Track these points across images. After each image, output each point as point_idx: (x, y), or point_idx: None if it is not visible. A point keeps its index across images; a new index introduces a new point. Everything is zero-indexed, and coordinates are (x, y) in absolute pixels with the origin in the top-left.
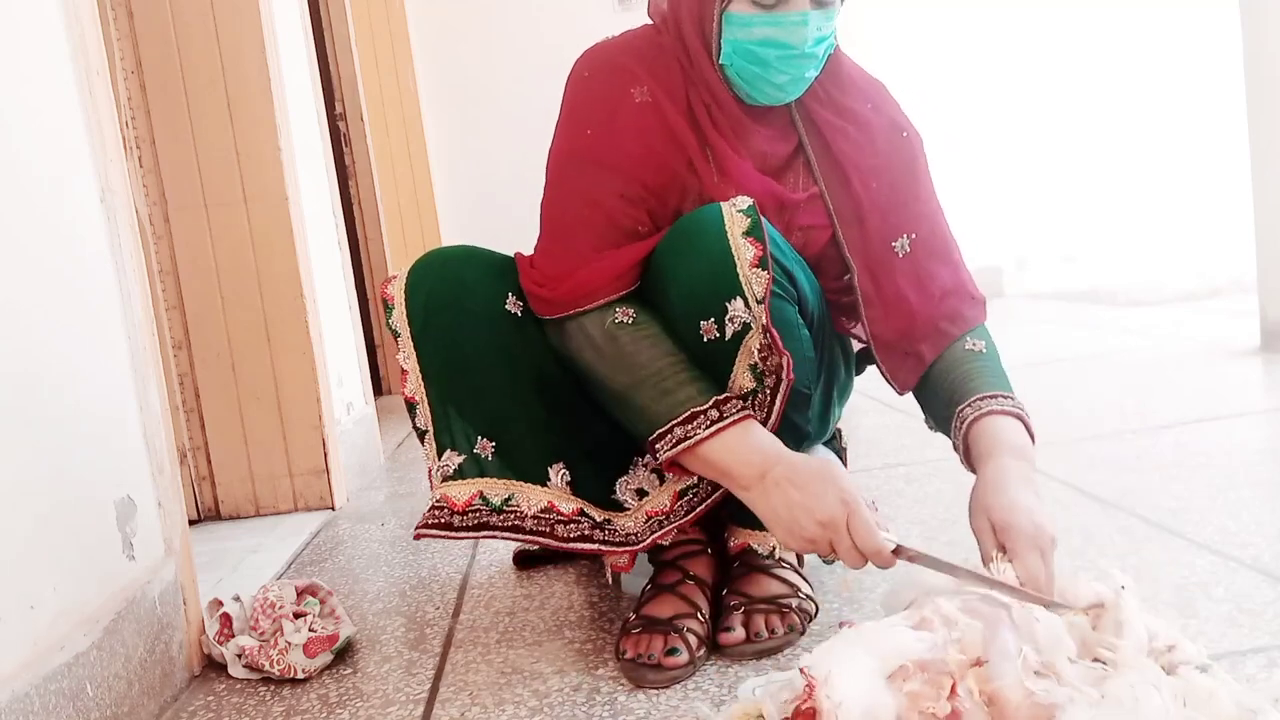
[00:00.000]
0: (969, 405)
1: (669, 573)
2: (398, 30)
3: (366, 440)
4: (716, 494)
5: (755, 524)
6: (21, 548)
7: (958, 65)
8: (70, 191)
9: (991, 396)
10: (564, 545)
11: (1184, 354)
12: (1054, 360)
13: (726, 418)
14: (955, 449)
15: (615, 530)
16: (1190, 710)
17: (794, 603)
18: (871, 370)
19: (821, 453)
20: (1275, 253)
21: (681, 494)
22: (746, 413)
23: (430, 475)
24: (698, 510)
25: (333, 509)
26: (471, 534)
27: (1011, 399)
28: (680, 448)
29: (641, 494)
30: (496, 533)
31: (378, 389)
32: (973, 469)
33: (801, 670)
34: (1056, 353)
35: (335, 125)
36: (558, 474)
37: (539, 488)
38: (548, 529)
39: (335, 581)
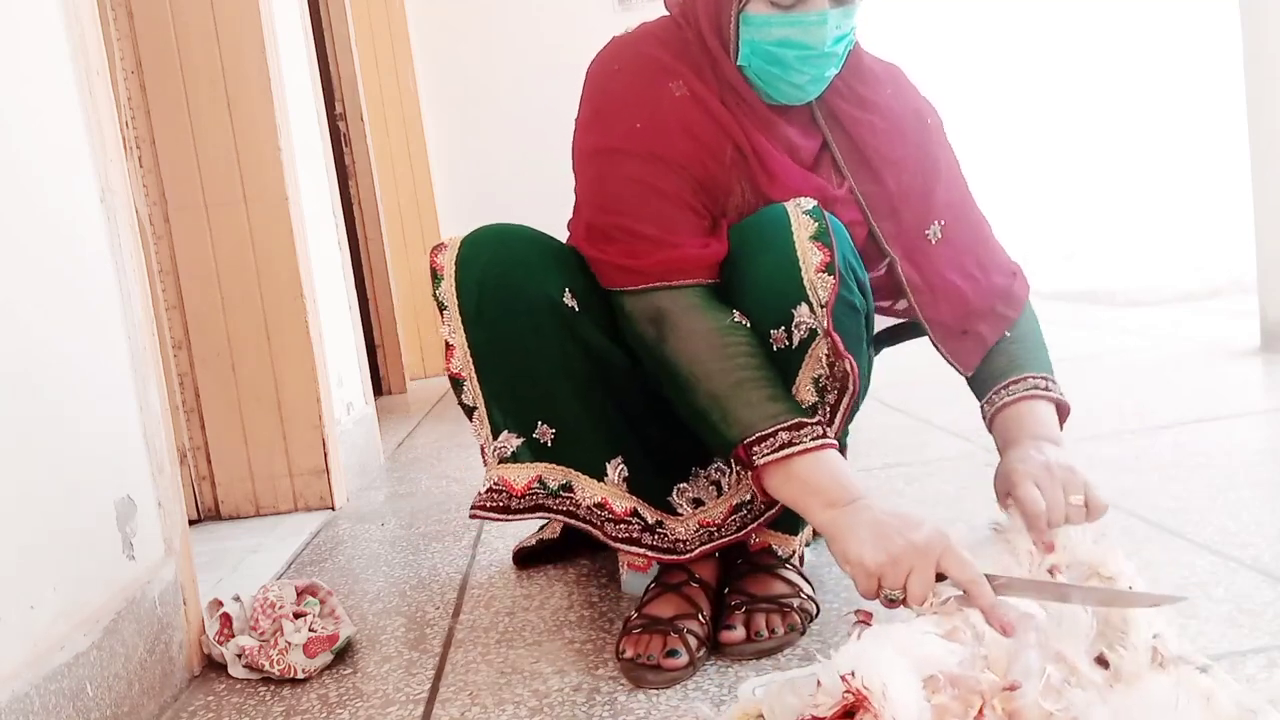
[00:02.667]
0: (986, 401)
1: (673, 573)
2: (398, 30)
3: (366, 440)
4: (769, 513)
5: (777, 527)
6: (21, 547)
7: (957, 65)
8: (70, 191)
9: (1004, 386)
10: (612, 544)
11: (1184, 354)
12: (1054, 360)
13: (827, 437)
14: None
15: (665, 535)
16: (1190, 711)
17: (795, 602)
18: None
19: None
20: (1275, 253)
21: (736, 508)
22: (834, 442)
23: (484, 453)
24: (749, 527)
25: (333, 509)
26: (527, 515)
27: (1027, 379)
28: (783, 453)
29: (698, 503)
30: (551, 515)
31: (378, 389)
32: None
33: (844, 677)
34: (1056, 353)
35: (335, 125)
36: (615, 469)
37: (596, 482)
38: (598, 524)
39: (335, 581)
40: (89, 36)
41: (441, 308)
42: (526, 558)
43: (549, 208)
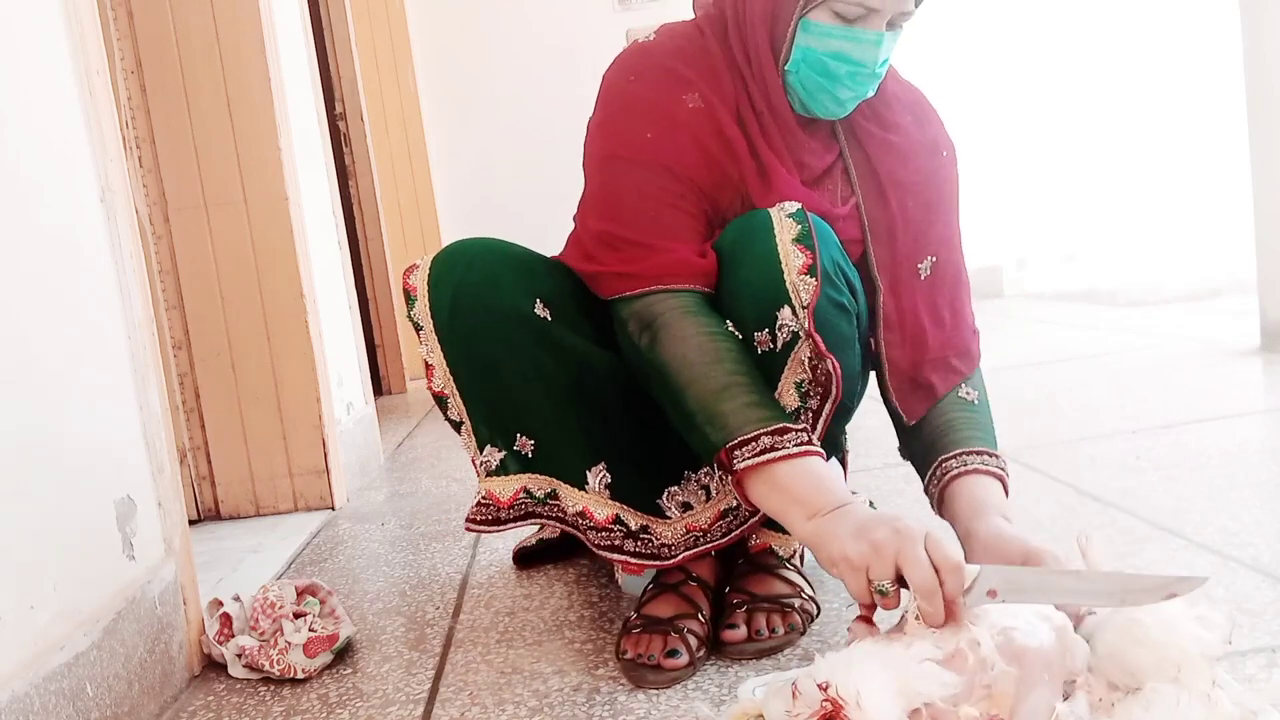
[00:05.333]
0: (954, 458)
1: (672, 573)
2: (398, 30)
3: (366, 440)
4: (754, 519)
5: (777, 527)
6: (21, 547)
7: (959, 65)
8: (70, 191)
9: (977, 453)
10: (595, 551)
11: (1184, 354)
12: (1054, 360)
13: (812, 444)
14: (926, 492)
15: (649, 540)
16: (1191, 712)
17: (796, 602)
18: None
19: None
20: (1275, 253)
21: (724, 514)
22: (819, 449)
23: (474, 465)
24: (733, 534)
25: (333, 509)
26: (518, 524)
27: (996, 458)
28: (764, 458)
29: (686, 507)
30: (542, 519)
31: (378, 389)
32: (942, 515)
33: (821, 686)
34: (1056, 353)
35: (335, 125)
36: (596, 476)
37: (577, 491)
38: (582, 530)
39: (335, 581)
40: (89, 36)
41: (418, 328)
42: (526, 558)
43: (549, 208)
